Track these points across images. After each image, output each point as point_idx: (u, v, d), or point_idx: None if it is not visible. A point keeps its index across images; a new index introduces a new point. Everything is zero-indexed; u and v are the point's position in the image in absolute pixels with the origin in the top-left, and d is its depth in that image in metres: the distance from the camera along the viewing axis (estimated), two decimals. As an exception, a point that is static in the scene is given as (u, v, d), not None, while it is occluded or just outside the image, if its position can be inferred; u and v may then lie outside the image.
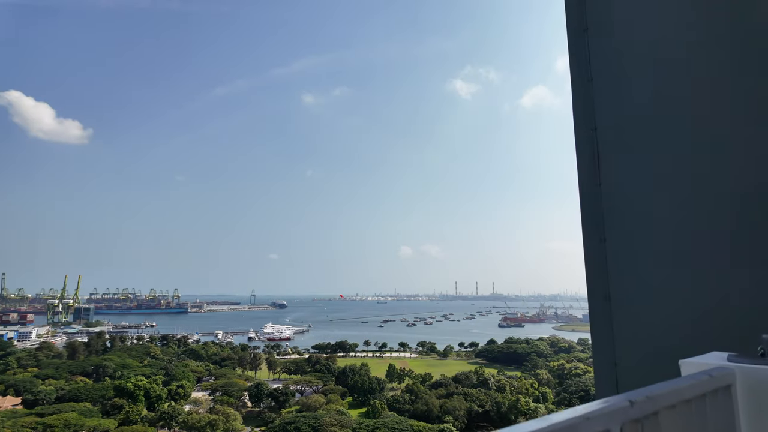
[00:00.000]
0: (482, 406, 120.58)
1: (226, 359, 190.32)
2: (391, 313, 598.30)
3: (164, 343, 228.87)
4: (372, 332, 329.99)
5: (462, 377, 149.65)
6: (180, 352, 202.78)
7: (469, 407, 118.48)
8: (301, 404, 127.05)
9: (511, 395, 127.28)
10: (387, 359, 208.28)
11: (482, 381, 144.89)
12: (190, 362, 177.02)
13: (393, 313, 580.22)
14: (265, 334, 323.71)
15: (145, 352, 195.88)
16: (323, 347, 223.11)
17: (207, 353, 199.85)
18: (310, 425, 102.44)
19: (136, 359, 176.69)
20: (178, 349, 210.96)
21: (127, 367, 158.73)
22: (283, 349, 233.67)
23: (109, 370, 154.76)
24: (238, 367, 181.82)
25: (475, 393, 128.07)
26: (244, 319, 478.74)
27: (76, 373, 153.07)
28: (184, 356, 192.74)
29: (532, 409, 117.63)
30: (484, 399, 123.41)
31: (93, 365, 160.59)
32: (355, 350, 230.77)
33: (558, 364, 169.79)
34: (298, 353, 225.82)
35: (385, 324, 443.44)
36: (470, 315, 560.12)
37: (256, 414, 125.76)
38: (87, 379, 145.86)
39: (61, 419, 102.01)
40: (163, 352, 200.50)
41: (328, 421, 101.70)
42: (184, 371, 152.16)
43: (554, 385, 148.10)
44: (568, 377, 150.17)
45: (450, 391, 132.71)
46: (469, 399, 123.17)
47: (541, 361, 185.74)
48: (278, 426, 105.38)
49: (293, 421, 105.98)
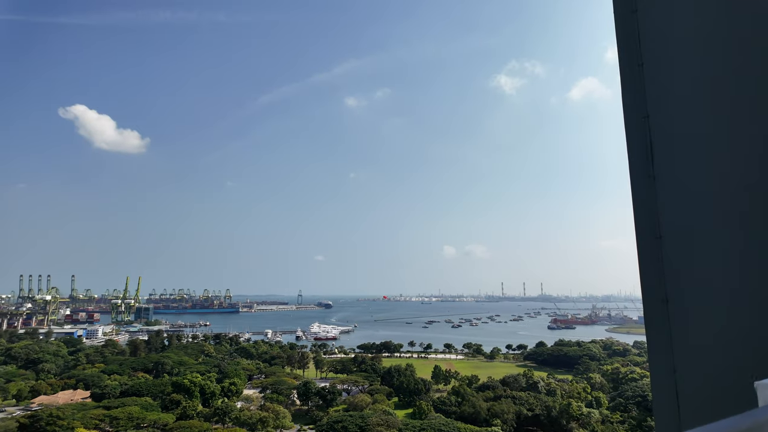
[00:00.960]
0: (532, 410, 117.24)
1: (275, 358, 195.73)
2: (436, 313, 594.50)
3: (217, 342, 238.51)
4: (416, 333, 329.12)
5: (510, 380, 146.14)
6: (232, 350, 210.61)
7: (518, 411, 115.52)
8: (347, 403, 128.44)
9: (562, 399, 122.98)
10: (432, 360, 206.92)
11: (531, 384, 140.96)
12: (242, 360, 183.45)
13: (437, 314, 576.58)
14: (312, 334, 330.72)
15: (200, 350, 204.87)
16: (368, 347, 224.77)
17: (257, 351, 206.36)
18: (357, 425, 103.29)
19: (191, 357, 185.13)
20: (230, 347, 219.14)
21: (184, 364, 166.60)
22: (329, 348, 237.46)
23: (167, 366, 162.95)
24: (286, 366, 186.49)
25: (524, 396, 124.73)
26: (291, 319, 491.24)
27: (138, 369, 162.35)
28: (236, 354, 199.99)
29: (585, 413, 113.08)
30: (534, 402, 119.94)
31: (153, 362, 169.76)
32: (400, 351, 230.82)
33: (612, 368, 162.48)
34: (344, 353, 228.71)
35: (430, 325, 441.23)
36: (518, 316, 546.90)
37: (304, 412, 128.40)
38: (147, 375, 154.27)
39: (126, 413, 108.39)
40: (217, 350, 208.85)
41: (375, 421, 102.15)
42: (236, 369, 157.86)
43: (608, 390, 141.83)
44: (623, 382, 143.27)
45: (498, 393, 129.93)
46: (517, 402, 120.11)
47: (593, 364, 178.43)
48: (326, 425, 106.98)
49: (340, 420, 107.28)
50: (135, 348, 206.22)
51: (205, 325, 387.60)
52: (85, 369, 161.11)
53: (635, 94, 3.26)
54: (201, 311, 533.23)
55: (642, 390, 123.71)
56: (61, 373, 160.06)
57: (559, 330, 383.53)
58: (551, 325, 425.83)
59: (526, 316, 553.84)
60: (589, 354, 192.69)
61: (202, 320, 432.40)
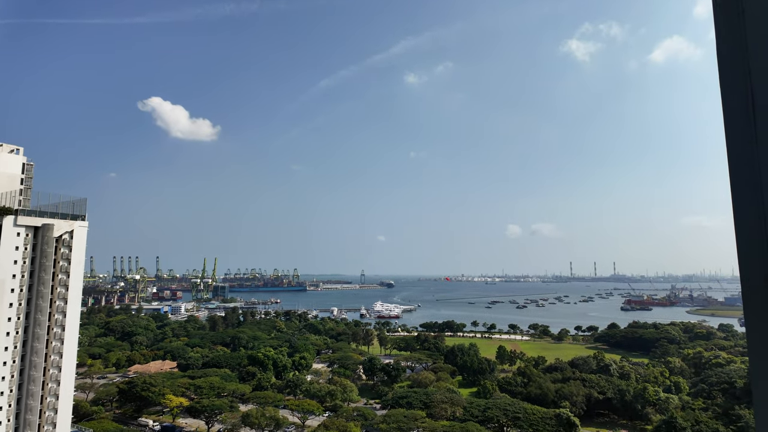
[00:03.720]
0: (603, 393, 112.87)
1: (341, 334, 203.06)
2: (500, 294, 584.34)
3: (287, 318, 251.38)
4: (479, 313, 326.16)
5: (579, 362, 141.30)
6: (301, 326, 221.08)
7: (588, 393, 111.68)
8: (411, 380, 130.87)
9: (637, 383, 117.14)
10: (496, 341, 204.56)
11: (602, 367, 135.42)
12: (310, 336, 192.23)
13: (501, 294, 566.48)
14: (375, 312, 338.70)
15: (272, 325, 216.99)
16: (431, 326, 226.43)
17: (324, 328, 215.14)
18: (422, 401, 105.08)
19: (264, 332, 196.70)
20: (300, 323, 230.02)
21: (258, 339, 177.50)
22: (392, 326, 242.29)
23: (243, 341, 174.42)
24: (352, 342, 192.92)
25: (594, 379, 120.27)
26: (355, 298, 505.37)
27: (217, 342, 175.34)
28: (305, 330, 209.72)
29: (663, 399, 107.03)
30: (605, 386, 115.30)
31: (230, 336, 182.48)
32: (463, 330, 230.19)
33: (694, 352, 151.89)
34: (407, 331, 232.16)
35: (493, 305, 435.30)
36: (588, 297, 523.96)
37: (370, 387, 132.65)
38: (225, 349, 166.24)
39: (208, 382, 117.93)
40: (287, 326, 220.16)
41: (439, 398, 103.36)
42: (305, 344, 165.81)
43: (689, 375, 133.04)
44: (706, 367, 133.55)
45: (566, 375, 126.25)
46: (587, 385, 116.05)
47: (672, 347, 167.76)
48: (391, 399, 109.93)
49: (405, 395, 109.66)
50: (214, 323, 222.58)
51: (275, 303, 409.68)
52: (171, 342, 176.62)
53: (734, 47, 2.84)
54: (272, 289, 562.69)
55: (729, 377, 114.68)
56: (152, 345, 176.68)
57: (634, 311, 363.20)
58: (625, 306, 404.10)
59: (597, 297, 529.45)
60: (668, 337, 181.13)
61: (273, 298, 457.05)
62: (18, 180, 77.55)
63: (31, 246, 75.84)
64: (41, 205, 78.24)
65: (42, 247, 76.27)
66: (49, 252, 76.39)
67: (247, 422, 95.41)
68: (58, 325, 76.58)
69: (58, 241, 77.80)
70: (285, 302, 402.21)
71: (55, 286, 76.99)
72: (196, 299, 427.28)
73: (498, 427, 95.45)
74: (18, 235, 73.78)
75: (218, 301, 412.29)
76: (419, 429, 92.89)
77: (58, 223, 77.70)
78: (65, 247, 78.56)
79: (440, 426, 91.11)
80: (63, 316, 77.37)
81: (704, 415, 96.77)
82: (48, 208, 78.59)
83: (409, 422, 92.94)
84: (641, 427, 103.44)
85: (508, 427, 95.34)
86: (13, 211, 74.40)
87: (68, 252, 78.58)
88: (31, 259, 75.90)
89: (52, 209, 78.88)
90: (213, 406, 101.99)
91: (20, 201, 76.92)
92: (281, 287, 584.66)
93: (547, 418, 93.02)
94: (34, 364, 73.73)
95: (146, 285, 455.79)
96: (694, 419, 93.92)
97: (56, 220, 77.93)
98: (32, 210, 77.27)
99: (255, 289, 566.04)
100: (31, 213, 76.65)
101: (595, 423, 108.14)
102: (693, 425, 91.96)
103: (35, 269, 75.92)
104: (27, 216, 75.68)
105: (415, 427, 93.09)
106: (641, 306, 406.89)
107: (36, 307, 74.77)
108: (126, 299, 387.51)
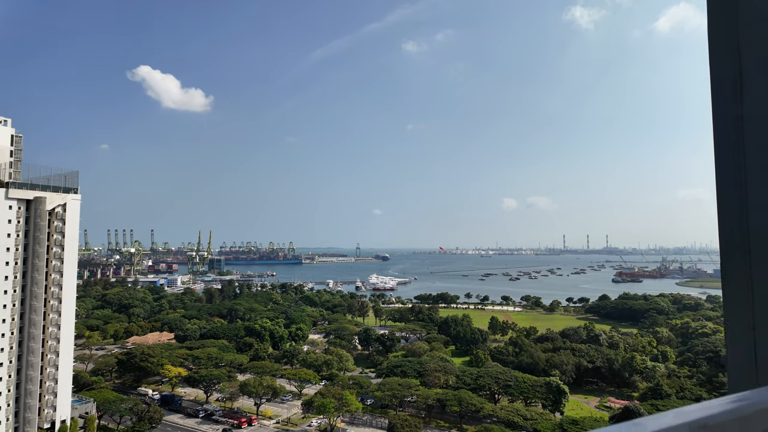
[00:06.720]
0: (592, 362, 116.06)
1: (337, 306, 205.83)
2: (494, 266, 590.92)
3: (284, 291, 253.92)
4: (473, 285, 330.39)
5: (570, 332, 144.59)
6: (297, 298, 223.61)
7: (578, 362, 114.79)
8: (406, 350, 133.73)
9: (626, 352, 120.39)
10: (489, 312, 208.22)
11: (592, 337, 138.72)
12: (306, 308, 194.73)
13: (495, 267, 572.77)
14: (371, 284, 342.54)
15: (268, 298, 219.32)
16: (425, 298, 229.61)
17: (320, 300, 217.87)
18: (416, 369, 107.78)
19: (261, 304, 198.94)
20: (296, 296, 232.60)
21: (254, 311, 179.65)
22: (387, 298, 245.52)
23: (240, 312, 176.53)
24: (347, 314, 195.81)
25: (584, 348, 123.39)
26: (351, 270, 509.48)
27: (214, 314, 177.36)
28: (301, 302, 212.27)
29: (650, 367, 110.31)
30: (595, 355, 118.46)
31: (227, 308, 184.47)
32: (457, 302, 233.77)
33: (682, 323, 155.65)
34: (402, 303, 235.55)
35: (487, 277, 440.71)
36: (580, 269, 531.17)
37: (365, 356, 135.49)
38: (222, 320, 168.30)
39: (206, 353, 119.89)
40: (283, 298, 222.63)
41: (433, 367, 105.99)
42: (301, 315, 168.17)
43: (676, 345, 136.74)
44: (693, 336, 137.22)
45: (557, 345, 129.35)
46: (577, 354, 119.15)
47: (661, 318, 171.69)
48: (386, 368, 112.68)
49: (399, 364, 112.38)
50: (210, 296, 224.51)
51: (271, 275, 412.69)
52: (168, 314, 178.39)
53: (724, 16, 2.73)
54: (267, 262, 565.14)
55: (714, 345, 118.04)
56: (149, 317, 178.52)
57: (625, 283, 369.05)
58: (616, 278, 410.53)
59: (589, 269, 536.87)
60: (657, 308, 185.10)
61: (269, 270, 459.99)
62: (7, 152, 76.33)
63: (24, 219, 75.38)
64: (32, 178, 77.23)
65: (35, 220, 75.82)
66: (42, 225, 76.01)
67: (245, 391, 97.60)
68: (55, 297, 76.96)
69: (51, 214, 77.31)
70: (281, 275, 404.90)
71: (50, 259, 76.94)
72: (192, 272, 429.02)
73: (490, 394, 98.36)
74: (10, 208, 73.17)
75: (214, 274, 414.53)
76: (413, 396, 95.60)
77: (50, 196, 77.00)
78: (59, 221, 78.13)
79: (433, 393, 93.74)
80: (59, 289, 77.64)
81: (689, 382, 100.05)
82: (39, 181, 77.65)
83: (403, 390, 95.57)
84: (628, 394, 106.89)
85: (500, 395, 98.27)
86: (4, 184, 73.51)
87: (62, 225, 78.22)
88: (25, 233, 75.55)
89: (44, 182, 78.00)
90: (211, 376, 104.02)
91: (11, 174, 75.90)
92: (277, 260, 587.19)
93: (537, 386, 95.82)
94: (32, 336, 74.48)
95: (142, 258, 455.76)
96: (679, 386, 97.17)
97: (48, 193, 77.19)
98: (23, 183, 76.31)
99: (251, 262, 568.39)
100: (22, 186, 75.74)
101: (584, 390, 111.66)
102: (678, 392, 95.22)
103: (29, 242, 75.69)
104: (18, 189, 74.81)
105: (409, 394, 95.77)
106: (632, 278, 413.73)
107: (32, 280, 74.94)
108: (122, 272, 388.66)
